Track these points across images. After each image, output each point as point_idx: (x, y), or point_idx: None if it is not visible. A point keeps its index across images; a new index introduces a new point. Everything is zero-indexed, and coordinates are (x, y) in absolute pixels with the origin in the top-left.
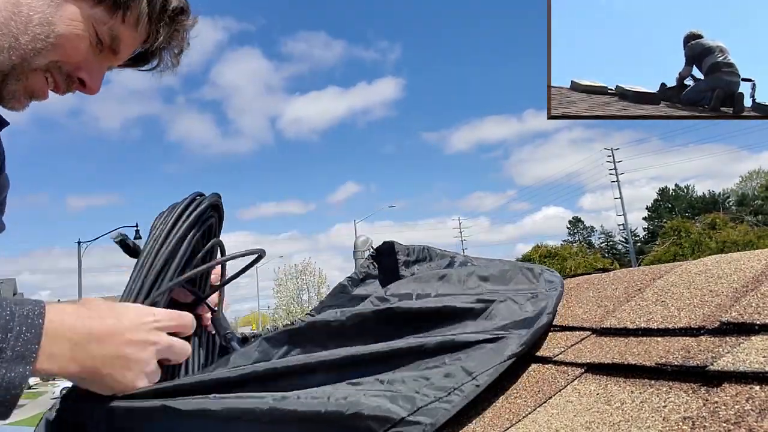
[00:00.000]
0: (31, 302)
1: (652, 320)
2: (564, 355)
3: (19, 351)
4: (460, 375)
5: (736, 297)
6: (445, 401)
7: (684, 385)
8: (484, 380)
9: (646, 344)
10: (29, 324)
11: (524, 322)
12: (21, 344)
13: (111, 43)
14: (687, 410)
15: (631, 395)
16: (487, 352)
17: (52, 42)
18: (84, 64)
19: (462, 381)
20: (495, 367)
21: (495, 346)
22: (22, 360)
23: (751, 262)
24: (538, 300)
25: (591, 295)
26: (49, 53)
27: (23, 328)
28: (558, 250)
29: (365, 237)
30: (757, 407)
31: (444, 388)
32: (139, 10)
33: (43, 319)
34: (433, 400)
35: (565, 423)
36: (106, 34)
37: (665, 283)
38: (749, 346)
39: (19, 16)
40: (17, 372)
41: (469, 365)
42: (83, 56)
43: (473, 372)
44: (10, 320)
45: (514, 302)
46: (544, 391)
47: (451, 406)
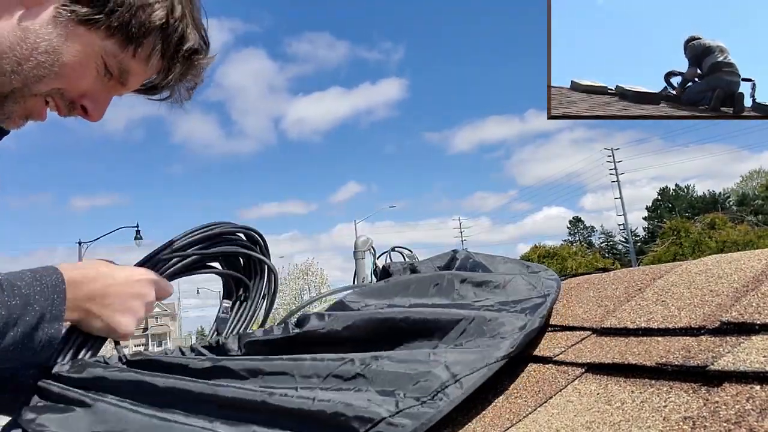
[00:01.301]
0: (52, 270)
1: (652, 320)
2: (564, 354)
3: (54, 313)
4: (445, 376)
5: (736, 297)
6: (428, 405)
7: (684, 385)
8: (470, 383)
9: (647, 344)
10: (57, 291)
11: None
12: (55, 308)
13: (120, 76)
14: (687, 410)
15: (632, 395)
16: (475, 355)
17: (56, 71)
18: (89, 93)
19: (446, 383)
20: (481, 370)
21: (484, 350)
22: (56, 319)
23: (751, 261)
24: (532, 306)
25: (591, 295)
26: (52, 81)
27: (54, 295)
28: (557, 250)
29: (366, 237)
30: (758, 407)
31: (428, 389)
32: (152, 47)
33: (65, 285)
34: (415, 403)
35: (566, 423)
36: (115, 66)
37: (665, 282)
38: (750, 345)
39: (26, 42)
40: (55, 329)
41: (456, 368)
42: (88, 86)
43: (458, 374)
44: (46, 290)
45: (508, 312)
46: (545, 390)
47: (436, 411)
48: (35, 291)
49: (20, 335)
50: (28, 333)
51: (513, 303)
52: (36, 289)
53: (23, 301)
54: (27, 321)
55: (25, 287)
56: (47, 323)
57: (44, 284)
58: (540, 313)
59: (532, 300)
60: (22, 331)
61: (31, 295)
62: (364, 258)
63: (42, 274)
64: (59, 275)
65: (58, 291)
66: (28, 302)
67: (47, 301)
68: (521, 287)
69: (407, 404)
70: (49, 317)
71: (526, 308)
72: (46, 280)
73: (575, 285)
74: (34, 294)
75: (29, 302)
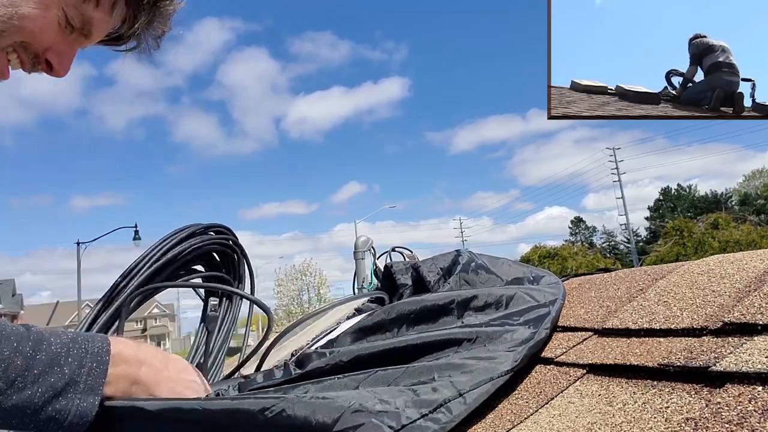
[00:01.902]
0: (99, 339)
1: (654, 320)
2: (566, 355)
3: (90, 384)
4: (449, 391)
5: (738, 297)
6: (430, 419)
7: (686, 386)
8: (473, 398)
9: (649, 345)
10: (98, 360)
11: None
12: (92, 378)
13: (82, 28)
14: (689, 411)
15: (634, 396)
16: (479, 370)
17: (15, 24)
18: (53, 46)
19: (449, 398)
20: (485, 385)
21: (489, 364)
22: (92, 392)
23: (753, 262)
24: (536, 318)
25: (593, 296)
26: (12, 35)
27: (94, 364)
28: (558, 251)
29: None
30: (760, 408)
31: (430, 402)
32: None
33: (109, 357)
34: (418, 417)
35: (567, 424)
36: (77, 18)
37: (667, 283)
38: (752, 346)
39: None
40: (89, 402)
41: (460, 384)
42: (51, 38)
43: (462, 390)
44: (84, 356)
45: (511, 325)
46: (546, 392)
47: (438, 427)
48: (69, 352)
49: (40, 397)
50: (50, 398)
51: (516, 315)
52: (72, 351)
53: (49, 359)
54: (50, 382)
55: (57, 345)
56: (79, 394)
57: (82, 348)
58: (545, 325)
59: (536, 311)
60: (43, 392)
61: (61, 355)
62: (364, 258)
63: (85, 338)
64: (105, 344)
65: (100, 361)
66: (56, 362)
67: (83, 368)
68: (523, 301)
69: (409, 420)
70: (83, 387)
71: (530, 320)
72: (86, 345)
73: (577, 285)
74: (67, 356)
75: (57, 362)
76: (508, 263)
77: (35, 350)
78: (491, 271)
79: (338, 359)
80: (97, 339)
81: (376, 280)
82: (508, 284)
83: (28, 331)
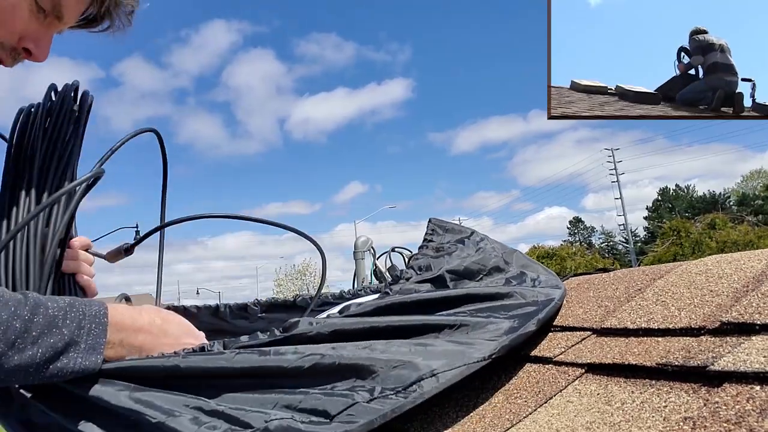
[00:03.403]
0: (97, 303)
1: (652, 320)
2: (564, 355)
3: (90, 343)
4: (424, 368)
5: (736, 297)
6: (402, 395)
7: (684, 385)
8: (446, 379)
9: (647, 344)
10: (97, 322)
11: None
12: (92, 338)
13: (53, 10)
14: (688, 410)
15: (632, 395)
16: (456, 352)
17: None
18: (27, 34)
19: (423, 375)
20: (460, 368)
21: (466, 348)
22: (94, 351)
23: (751, 262)
24: (524, 314)
25: (591, 295)
26: None
27: (92, 325)
28: (556, 251)
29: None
30: (758, 407)
31: (406, 379)
32: None
33: (107, 319)
34: (390, 392)
35: (566, 423)
36: (47, 1)
37: (666, 283)
38: (750, 346)
39: None
40: (91, 360)
41: (435, 363)
42: (24, 26)
43: (436, 369)
44: (82, 318)
45: (496, 318)
46: (545, 391)
47: (409, 401)
48: (66, 315)
49: (41, 357)
50: (51, 357)
51: (503, 309)
52: (70, 315)
53: (46, 322)
54: (50, 342)
55: (54, 309)
56: (81, 353)
57: (80, 312)
58: (532, 321)
59: (526, 308)
60: (44, 353)
61: (58, 318)
62: (363, 258)
63: (82, 302)
64: (102, 308)
65: (98, 323)
66: (54, 324)
67: (81, 329)
68: (514, 298)
69: (383, 393)
70: (84, 347)
71: (517, 315)
72: (84, 309)
73: (575, 285)
74: (64, 318)
75: (55, 324)
76: (516, 255)
77: (33, 314)
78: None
79: (319, 330)
80: (95, 304)
81: (375, 280)
82: (509, 280)
83: (25, 297)
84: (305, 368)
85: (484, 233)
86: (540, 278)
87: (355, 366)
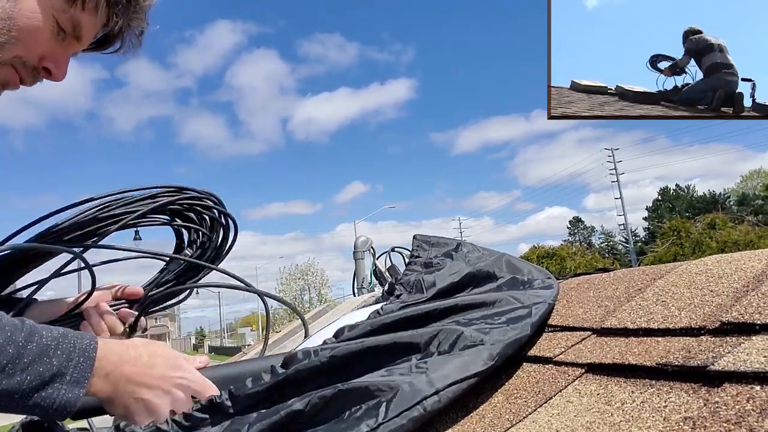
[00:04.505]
0: (88, 337)
1: (652, 320)
2: (564, 355)
3: (76, 377)
4: (426, 389)
5: (736, 297)
6: (403, 416)
7: (685, 385)
8: (448, 397)
9: (647, 344)
10: (86, 356)
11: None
12: (78, 372)
13: (73, 31)
14: (688, 410)
15: (632, 395)
16: (456, 366)
17: (14, 36)
18: (48, 54)
19: (426, 395)
20: (461, 383)
21: (465, 360)
22: (77, 384)
23: (751, 261)
24: (516, 317)
25: (591, 295)
26: (12, 47)
27: (81, 358)
28: (556, 251)
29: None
30: (758, 407)
31: (410, 400)
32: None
33: (96, 353)
34: (395, 416)
35: (566, 423)
36: (67, 22)
37: (666, 283)
38: (750, 346)
39: None
40: (73, 394)
41: (438, 382)
42: (46, 46)
43: (438, 388)
44: (72, 350)
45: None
46: (545, 391)
47: (412, 423)
48: (58, 345)
49: (28, 384)
50: (37, 386)
51: (497, 315)
52: (61, 345)
53: (39, 350)
54: (39, 371)
55: (47, 338)
56: (65, 385)
57: (71, 343)
58: (526, 324)
59: (517, 311)
60: (31, 380)
61: (50, 347)
62: (363, 258)
63: (75, 335)
64: (93, 342)
65: (87, 356)
66: (45, 353)
67: (70, 361)
68: (507, 303)
69: (389, 416)
70: (69, 379)
71: (511, 318)
72: (75, 341)
73: (575, 285)
74: (56, 348)
75: (47, 353)
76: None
77: (27, 341)
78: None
79: (317, 361)
80: (86, 336)
81: (375, 279)
82: (501, 286)
83: (22, 323)
84: (314, 413)
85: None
86: (532, 281)
87: (359, 392)
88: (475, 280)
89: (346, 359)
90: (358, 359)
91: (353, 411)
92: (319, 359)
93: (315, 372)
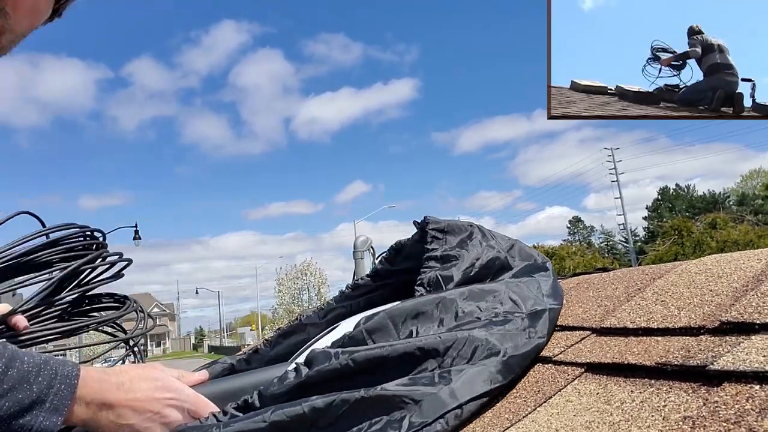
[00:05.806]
0: (70, 365)
1: (652, 320)
2: (564, 354)
3: (56, 404)
4: (449, 401)
5: (736, 296)
6: (427, 430)
7: (684, 385)
8: (469, 410)
9: (646, 344)
10: (67, 383)
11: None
12: (58, 399)
13: None
14: (687, 410)
15: (631, 395)
16: (478, 378)
17: None
18: None
19: (449, 408)
20: (482, 397)
21: (486, 372)
22: (56, 412)
23: (751, 261)
24: (535, 313)
25: (591, 295)
26: None
27: (62, 386)
28: (556, 250)
29: (365, 237)
30: (758, 406)
31: (432, 413)
32: None
33: (77, 381)
34: (418, 428)
35: (565, 422)
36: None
37: (665, 282)
38: (749, 345)
39: None
40: (51, 421)
41: (461, 393)
42: None
43: (460, 400)
44: (53, 377)
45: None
46: (544, 390)
47: None
48: (39, 372)
49: (6, 411)
50: (16, 412)
51: (518, 311)
52: (43, 372)
53: (19, 376)
54: (18, 398)
55: (29, 365)
56: (44, 412)
57: (53, 370)
58: (540, 332)
59: (535, 307)
60: (9, 407)
61: (31, 374)
62: (363, 258)
63: (57, 361)
64: (75, 369)
65: (68, 384)
66: (26, 379)
67: (50, 388)
68: (522, 293)
69: (413, 427)
70: (49, 407)
71: (532, 311)
72: (57, 368)
73: (575, 285)
74: (37, 375)
75: (27, 380)
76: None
77: (8, 366)
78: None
79: (337, 364)
80: (68, 364)
81: None
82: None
83: (4, 347)
84: (334, 415)
85: None
86: (542, 287)
87: (382, 402)
88: (491, 272)
89: (369, 363)
90: (380, 365)
91: (374, 422)
92: (339, 362)
93: (338, 375)
